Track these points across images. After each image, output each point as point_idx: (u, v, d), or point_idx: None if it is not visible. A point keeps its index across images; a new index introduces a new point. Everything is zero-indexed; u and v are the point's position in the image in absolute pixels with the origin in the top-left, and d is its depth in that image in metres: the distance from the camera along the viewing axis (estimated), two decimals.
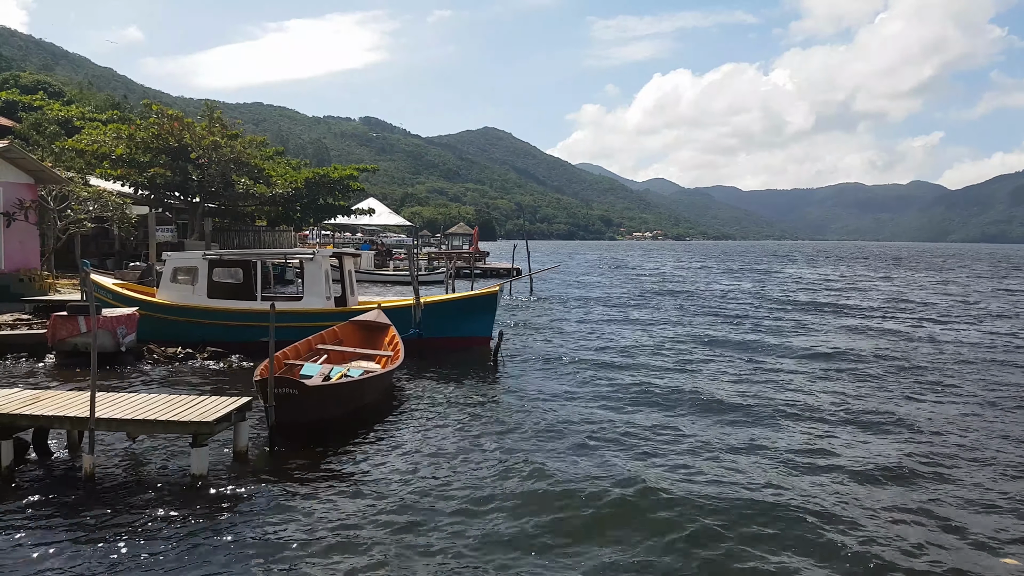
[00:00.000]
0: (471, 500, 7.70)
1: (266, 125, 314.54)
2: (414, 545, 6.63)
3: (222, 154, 32.33)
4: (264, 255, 17.54)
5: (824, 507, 7.65)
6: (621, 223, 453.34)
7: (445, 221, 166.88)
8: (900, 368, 15.84)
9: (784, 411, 11.80)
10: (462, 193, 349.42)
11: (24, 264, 21.46)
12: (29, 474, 8.25)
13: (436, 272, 40.51)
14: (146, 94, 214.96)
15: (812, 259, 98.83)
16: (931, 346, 19.18)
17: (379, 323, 15.08)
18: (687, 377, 14.56)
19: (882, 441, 10.23)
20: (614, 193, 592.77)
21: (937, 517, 7.52)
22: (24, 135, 40.88)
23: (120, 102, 75.41)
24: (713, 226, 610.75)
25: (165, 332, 15.86)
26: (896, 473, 8.83)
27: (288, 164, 43.83)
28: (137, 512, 7.16)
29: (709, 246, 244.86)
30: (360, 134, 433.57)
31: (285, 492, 7.86)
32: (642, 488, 7.98)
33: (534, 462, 8.80)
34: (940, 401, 12.84)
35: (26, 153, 22.62)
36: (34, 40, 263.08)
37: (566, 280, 46.14)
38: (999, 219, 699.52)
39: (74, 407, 8.18)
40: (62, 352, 14.67)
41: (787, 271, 62.98)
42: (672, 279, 49.75)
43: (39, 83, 67.19)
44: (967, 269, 71.52)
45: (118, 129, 32.84)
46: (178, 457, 8.79)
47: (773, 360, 16.71)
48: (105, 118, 41.35)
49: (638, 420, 11.07)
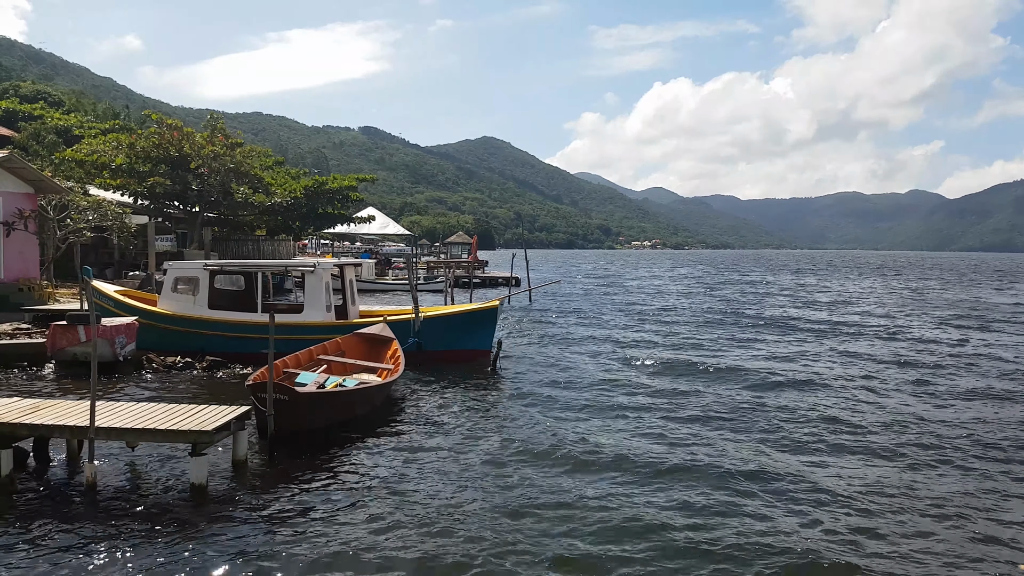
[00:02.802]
0: (468, 512, 7.71)
1: (265, 135, 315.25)
2: (414, 555, 6.64)
3: (222, 163, 32.39)
4: (265, 266, 17.55)
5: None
6: (620, 232, 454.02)
7: (444, 230, 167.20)
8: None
9: (786, 419, 11.83)
10: (461, 202, 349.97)
11: (24, 274, 21.47)
12: (29, 483, 8.25)
13: (435, 281, 40.57)
14: (146, 104, 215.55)
15: (816, 270, 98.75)
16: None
17: (383, 336, 15.12)
18: (681, 385, 14.59)
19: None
20: (613, 202, 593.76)
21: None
22: (23, 145, 40.95)
23: (120, 112, 75.47)
24: (712, 235, 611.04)
25: (166, 342, 15.87)
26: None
27: (288, 174, 43.91)
28: (137, 521, 7.17)
29: (707, 255, 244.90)
30: (359, 144, 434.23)
31: (284, 501, 7.86)
32: (632, 502, 8.00)
33: (527, 476, 8.84)
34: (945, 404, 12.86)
35: (26, 163, 22.66)
36: (34, 50, 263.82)
37: (566, 291, 46.15)
38: (999, 228, 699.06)
39: (74, 416, 8.20)
40: (62, 361, 14.68)
41: (788, 281, 63.03)
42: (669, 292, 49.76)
43: (39, 93, 67.27)
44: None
45: (118, 139, 32.91)
46: (177, 466, 8.80)
47: (784, 380, 16.71)
48: (105, 127, 41.46)
49: (633, 433, 11.08)
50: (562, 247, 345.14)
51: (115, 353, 14.54)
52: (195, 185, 32.41)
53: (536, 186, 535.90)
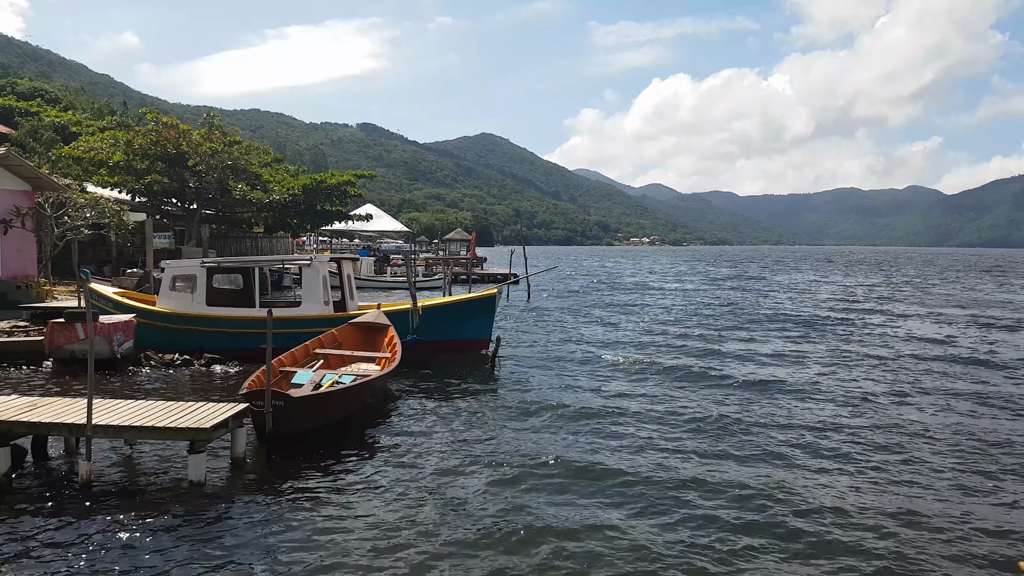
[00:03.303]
0: (465, 513, 7.71)
1: (263, 132, 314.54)
2: (412, 553, 6.64)
3: (220, 160, 32.35)
4: (262, 262, 17.51)
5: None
6: (618, 228, 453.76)
7: (443, 227, 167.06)
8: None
9: (791, 421, 11.83)
10: (459, 199, 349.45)
11: (21, 271, 21.46)
12: (27, 481, 8.25)
13: (434, 278, 40.56)
14: (144, 101, 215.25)
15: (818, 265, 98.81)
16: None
17: (379, 324, 15.05)
18: (679, 382, 14.60)
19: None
20: (611, 199, 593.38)
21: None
22: (21, 142, 40.86)
23: (117, 109, 75.29)
24: (710, 231, 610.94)
25: (165, 340, 15.85)
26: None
27: (286, 170, 43.86)
28: (134, 519, 7.16)
29: (706, 251, 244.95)
30: (358, 141, 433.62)
31: (282, 499, 7.87)
32: (628, 505, 8.00)
33: (526, 475, 8.84)
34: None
35: (23, 160, 22.64)
36: (31, 47, 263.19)
37: (564, 285, 46.13)
38: (996, 223, 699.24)
39: (71, 414, 8.19)
40: (59, 359, 14.67)
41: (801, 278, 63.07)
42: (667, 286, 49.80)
43: (36, 90, 67.08)
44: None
45: (115, 136, 32.87)
46: (175, 464, 8.80)
47: (782, 372, 16.73)
48: (102, 124, 41.36)
49: (633, 428, 11.10)
50: (561, 244, 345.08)
51: (113, 351, 14.53)
52: (192, 182, 32.38)
53: (535, 183, 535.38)
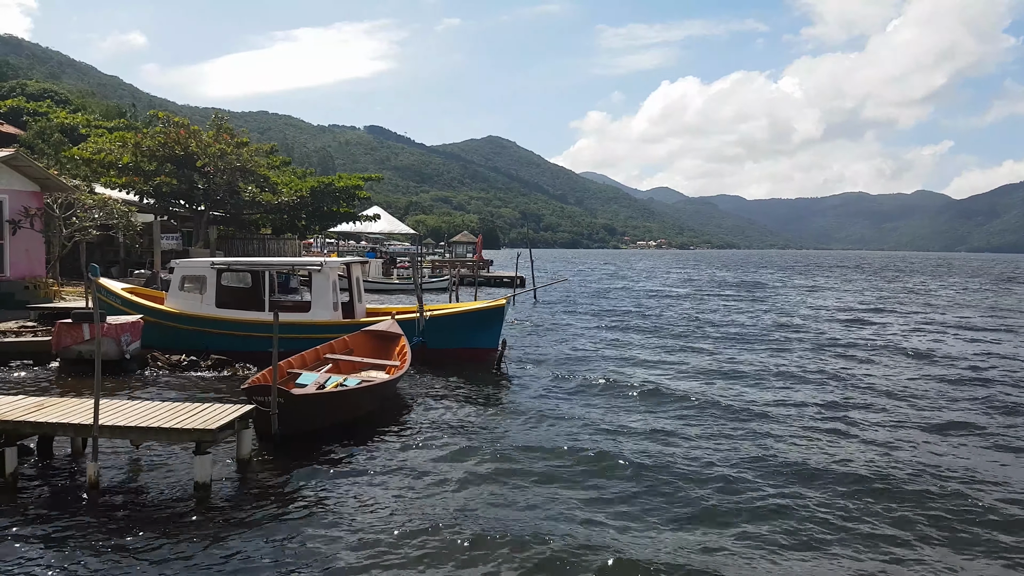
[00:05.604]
0: (471, 512, 7.67)
1: (271, 134, 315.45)
2: (418, 556, 6.60)
3: (228, 162, 32.41)
4: (274, 265, 17.48)
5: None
6: (625, 232, 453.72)
7: (449, 230, 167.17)
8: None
9: (812, 428, 11.75)
10: (466, 202, 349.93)
11: (29, 272, 21.51)
12: (33, 481, 8.24)
13: (440, 280, 40.58)
14: (152, 102, 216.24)
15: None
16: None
17: (391, 333, 15.07)
18: (684, 383, 14.52)
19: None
20: (618, 202, 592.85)
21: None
22: (29, 143, 41.02)
23: (126, 110, 75.54)
24: (717, 235, 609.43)
25: (173, 340, 15.83)
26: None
27: (293, 173, 43.90)
28: (140, 520, 7.14)
29: (713, 255, 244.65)
30: (365, 143, 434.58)
31: (288, 500, 7.84)
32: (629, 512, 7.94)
33: (532, 477, 8.82)
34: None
35: (32, 161, 22.69)
36: (41, 48, 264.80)
37: (573, 288, 46.09)
38: (1007, 228, 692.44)
39: (78, 414, 8.17)
40: (66, 359, 14.67)
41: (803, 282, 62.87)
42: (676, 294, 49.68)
43: (45, 91, 67.38)
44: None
45: (123, 137, 32.95)
46: (181, 465, 8.77)
47: (797, 383, 16.62)
48: (111, 125, 41.49)
49: (640, 434, 11.04)
50: (567, 247, 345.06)
51: (120, 351, 14.52)
52: (201, 184, 32.44)
53: (541, 186, 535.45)
